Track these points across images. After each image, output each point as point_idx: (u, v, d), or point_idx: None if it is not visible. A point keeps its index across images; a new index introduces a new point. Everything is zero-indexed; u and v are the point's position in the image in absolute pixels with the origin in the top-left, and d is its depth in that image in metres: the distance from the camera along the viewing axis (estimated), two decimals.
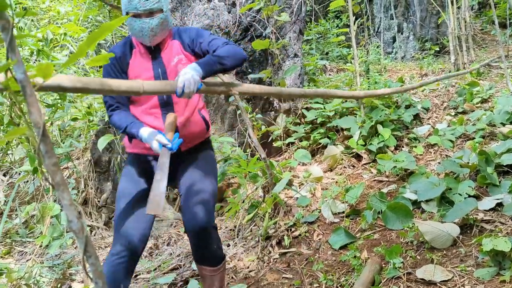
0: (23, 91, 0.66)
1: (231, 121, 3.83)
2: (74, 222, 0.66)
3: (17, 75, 0.65)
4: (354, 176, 3.49)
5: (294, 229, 2.93)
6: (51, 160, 0.66)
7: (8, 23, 0.66)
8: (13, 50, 0.65)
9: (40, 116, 0.66)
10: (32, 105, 0.66)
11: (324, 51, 7.43)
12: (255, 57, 4.10)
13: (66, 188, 0.66)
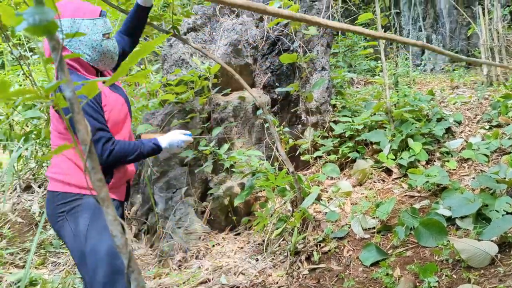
0: (71, 109, 0.68)
1: (259, 134, 3.84)
2: (118, 237, 0.67)
3: (66, 93, 0.67)
4: (384, 191, 3.43)
5: (323, 245, 2.89)
6: (96, 176, 0.68)
7: (57, 43, 0.68)
8: (62, 69, 0.68)
9: (87, 133, 0.68)
10: (80, 122, 0.68)
11: (351, 64, 7.38)
12: (282, 71, 4.12)
13: (110, 204, 0.68)
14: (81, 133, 0.67)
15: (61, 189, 1.76)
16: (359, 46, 7.16)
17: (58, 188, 1.76)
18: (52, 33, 0.66)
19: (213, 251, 3.30)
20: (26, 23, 0.60)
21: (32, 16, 0.61)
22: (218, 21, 4.14)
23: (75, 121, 0.68)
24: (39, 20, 0.61)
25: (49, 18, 0.62)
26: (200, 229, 3.48)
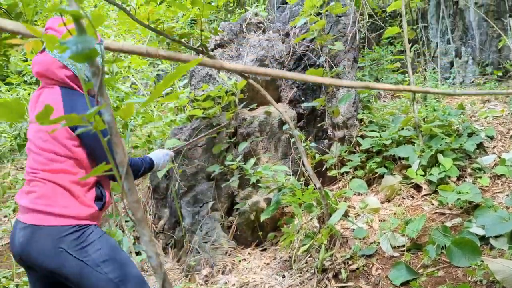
0: (110, 132, 0.70)
1: (285, 149, 3.83)
2: (153, 258, 0.68)
3: (105, 117, 0.70)
4: (413, 207, 3.35)
5: (351, 262, 2.84)
6: (133, 198, 0.69)
7: (98, 69, 0.71)
8: (102, 94, 0.70)
9: (125, 156, 0.70)
10: (118, 145, 0.70)
11: (378, 77, 7.31)
12: (308, 85, 4.12)
13: (146, 225, 0.69)
14: (119, 155, 0.69)
15: (56, 223, 1.60)
16: (386, 60, 7.11)
17: (51, 222, 1.59)
18: (93, 59, 0.69)
19: (239, 267, 3.29)
20: (70, 52, 0.63)
21: (76, 44, 0.63)
22: (244, 37, 4.20)
23: (113, 144, 0.70)
24: (82, 48, 0.63)
25: (90, 46, 0.64)
26: (226, 244, 3.48)
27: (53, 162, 1.65)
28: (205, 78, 3.88)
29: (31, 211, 1.61)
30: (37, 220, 1.60)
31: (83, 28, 0.69)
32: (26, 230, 1.59)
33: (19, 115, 0.69)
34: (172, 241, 3.83)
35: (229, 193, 3.65)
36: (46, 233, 1.59)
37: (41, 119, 0.70)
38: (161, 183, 3.91)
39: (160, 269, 0.69)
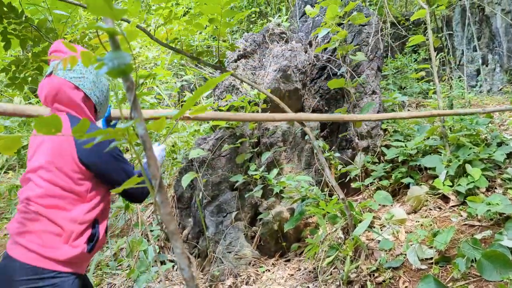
0: (144, 146, 0.71)
1: (308, 159, 3.82)
2: (186, 270, 0.69)
3: (139, 131, 0.71)
4: (441, 219, 3.27)
5: (377, 274, 2.79)
6: (166, 210, 0.70)
7: (132, 84, 0.73)
8: (136, 108, 0.72)
9: (158, 169, 0.71)
10: (151, 158, 0.71)
11: (402, 86, 7.22)
12: (331, 95, 4.11)
13: (179, 237, 0.70)
14: (152, 168, 0.71)
15: (34, 263, 1.49)
16: (410, 68, 7.02)
17: (30, 260, 1.48)
18: (127, 74, 0.71)
19: (263, 277, 3.27)
20: (107, 68, 0.65)
21: (112, 61, 0.65)
22: (267, 48, 4.22)
23: (147, 157, 0.71)
24: (118, 64, 0.65)
25: (126, 62, 0.66)
26: (250, 254, 3.48)
27: (51, 197, 1.56)
28: (228, 88, 3.91)
29: (16, 243, 1.52)
30: (19, 254, 1.50)
31: (117, 44, 0.72)
32: (4, 261, 1.51)
33: (57, 129, 0.71)
34: (196, 251, 3.84)
35: (252, 203, 3.65)
36: (23, 271, 1.47)
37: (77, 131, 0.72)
38: (185, 193, 3.94)
39: (192, 281, 0.69)
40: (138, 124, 0.71)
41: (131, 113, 0.71)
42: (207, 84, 0.89)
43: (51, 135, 1.61)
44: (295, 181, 3.39)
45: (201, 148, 3.65)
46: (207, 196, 3.63)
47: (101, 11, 0.61)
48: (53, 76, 1.63)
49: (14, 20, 2.47)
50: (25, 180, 1.65)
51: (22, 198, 1.59)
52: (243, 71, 3.94)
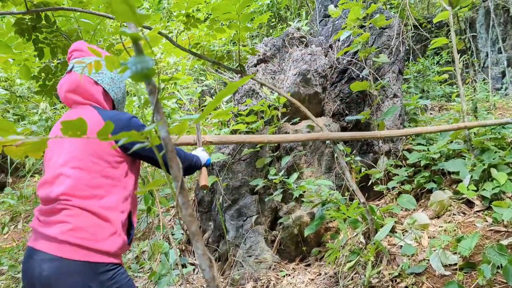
0: (165, 148, 0.73)
1: (329, 163, 3.79)
2: (207, 271, 0.70)
3: (161, 133, 0.73)
4: (465, 224, 3.20)
5: (399, 280, 2.74)
6: (187, 211, 0.72)
7: (154, 87, 0.75)
8: (158, 111, 0.74)
9: (179, 171, 0.72)
10: (172, 160, 0.72)
11: (424, 89, 7.12)
12: (352, 99, 4.08)
13: (200, 239, 0.71)
14: (174, 170, 0.72)
15: (89, 259, 1.45)
16: (432, 71, 6.92)
17: (86, 257, 1.45)
18: (150, 78, 0.73)
19: (283, 282, 3.26)
20: (130, 72, 0.67)
21: (135, 65, 0.67)
22: (287, 52, 4.23)
23: (168, 159, 0.73)
24: (140, 68, 0.67)
25: (149, 66, 0.68)
26: (270, 258, 3.47)
27: (89, 186, 1.52)
28: (248, 93, 3.93)
29: (62, 242, 1.44)
30: (69, 253, 1.43)
31: (141, 49, 0.73)
32: (53, 263, 1.42)
33: (82, 132, 0.73)
34: (217, 254, 3.86)
35: (272, 207, 3.64)
36: (77, 269, 1.42)
37: (102, 134, 0.74)
38: (205, 197, 3.97)
39: (213, 282, 0.70)
40: (161, 126, 0.73)
41: (153, 116, 0.73)
42: (227, 88, 0.91)
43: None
44: (315, 185, 3.38)
45: (221, 152, 3.68)
46: (227, 200, 3.65)
47: (125, 16, 0.62)
48: (72, 73, 1.66)
49: (46, 29, 2.54)
50: (49, 181, 1.56)
51: (54, 196, 1.50)
52: (262, 76, 3.96)
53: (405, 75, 6.87)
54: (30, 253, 1.48)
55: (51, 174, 1.56)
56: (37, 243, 1.48)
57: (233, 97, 4.17)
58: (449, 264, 2.73)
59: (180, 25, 2.81)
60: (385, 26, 4.14)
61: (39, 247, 1.47)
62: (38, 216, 1.53)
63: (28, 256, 1.49)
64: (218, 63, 3.04)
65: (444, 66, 6.95)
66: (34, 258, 1.46)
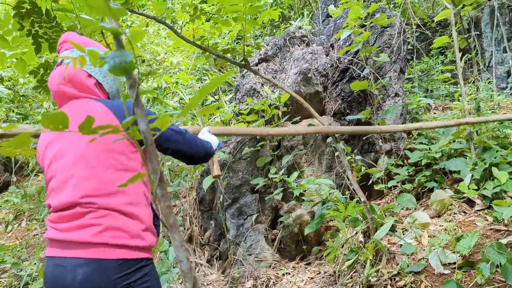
0: (145, 141, 0.74)
1: (329, 162, 3.79)
2: (184, 262, 0.71)
3: (141, 126, 0.74)
4: (466, 223, 3.19)
5: (398, 279, 2.74)
6: (166, 203, 0.73)
7: (134, 82, 0.76)
8: (138, 105, 0.75)
9: (158, 164, 0.73)
10: (152, 153, 0.74)
11: (428, 89, 7.09)
12: (353, 98, 4.07)
13: (177, 230, 0.72)
14: (153, 163, 0.73)
15: (127, 256, 1.41)
16: (436, 71, 6.88)
17: (121, 255, 1.41)
18: (129, 72, 0.74)
19: (283, 280, 3.27)
20: (108, 65, 0.68)
21: (113, 59, 0.68)
22: (289, 51, 4.24)
23: (148, 152, 0.74)
24: (119, 62, 0.68)
25: (127, 60, 0.69)
26: (270, 257, 3.48)
27: (109, 184, 1.44)
28: (250, 92, 3.95)
29: (96, 245, 1.39)
30: (106, 253, 1.39)
31: (121, 43, 0.75)
32: (89, 267, 1.37)
33: (64, 125, 0.75)
34: (218, 253, 3.88)
35: (273, 206, 3.65)
36: (115, 268, 1.38)
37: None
38: (207, 195, 3.99)
39: (190, 273, 0.71)
40: (140, 120, 0.74)
41: (133, 109, 0.74)
42: (210, 83, 0.92)
43: (83, 112, 1.47)
44: (315, 184, 3.38)
45: (222, 151, 3.69)
46: (228, 198, 3.66)
47: (101, 11, 0.64)
48: (63, 65, 1.59)
49: (45, 24, 2.56)
50: (60, 186, 1.47)
51: (73, 200, 1.43)
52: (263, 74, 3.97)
53: (409, 74, 6.85)
54: (58, 262, 1.42)
55: (61, 178, 1.47)
56: (65, 251, 1.41)
57: (235, 96, 4.19)
58: (449, 263, 2.73)
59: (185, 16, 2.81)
60: (386, 25, 4.13)
61: (69, 255, 1.40)
62: (55, 225, 1.45)
63: (55, 266, 1.42)
64: (222, 56, 3.04)
65: (449, 65, 6.91)
66: (65, 266, 1.39)
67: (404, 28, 4.30)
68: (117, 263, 1.38)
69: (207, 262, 3.87)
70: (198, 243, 3.99)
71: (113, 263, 1.37)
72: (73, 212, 1.42)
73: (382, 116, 3.91)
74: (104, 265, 1.37)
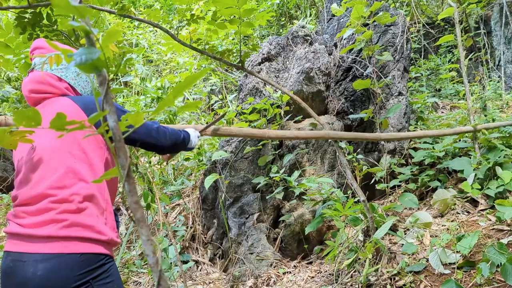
0: (114, 137, 0.75)
1: (331, 161, 3.78)
2: (150, 256, 0.72)
3: (109, 122, 0.75)
4: (468, 223, 3.16)
5: (398, 278, 2.72)
6: (133, 199, 0.74)
7: (104, 79, 0.77)
8: (108, 101, 0.76)
9: (126, 159, 0.75)
10: (120, 149, 0.75)
11: (437, 88, 7.02)
12: (356, 97, 4.06)
13: (145, 225, 0.73)
14: (121, 159, 0.75)
15: (88, 250, 1.42)
16: (444, 69, 6.82)
17: (82, 249, 1.41)
18: (99, 70, 0.75)
19: (284, 279, 3.27)
20: (74, 62, 0.70)
21: (80, 56, 0.70)
22: (292, 50, 4.24)
23: (117, 148, 0.75)
24: (85, 59, 0.70)
25: (94, 58, 0.70)
26: (271, 255, 3.48)
27: (73, 176, 1.46)
28: (252, 91, 3.95)
29: (59, 239, 1.39)
30: (68, 248, 1.39)
31: (92, 41, 0.76)
32: (50, 262, 1.37)
33: (37, 122, 0.76)
34: (220, 252, 3.89)
35: (274, 205, 3.66)
36: (76, 262, 1.39)
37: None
38: (209, 194, 4.01)
39: (156, 267, 0.72)
40: (109, 116, 0.75)
41: (103, 106, 0.76)
42: (187, 80, 0.93)
43: (53, 110, 1.49)
44: (316, 183, 3.38)
45: (224, 150, 3.71)
46: (230, 197, 3.67)
47: (65, 9, 0.65)
48: (35, 71, 1.62)
49: (46, 28, 2.61)
50: (27, 179, 1.49)
51: (37, 193, 1.44)
52: (266, 74, 3.98)
53: (416, 73, 6.80)
54: (17, 257, 1.41)
55: (30, 171, 1.49)
56: (25, 246, 1.41)
57: (238, 96, 4.20)
58: (449, 262, 2.70)
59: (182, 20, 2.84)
60: (389, 24, 4.11)
61: (29, 250, 1.40)
62: (18, 221, 1.45)
63: (15, 260, 1.41)
64: (219, 58, 3.06)
65: (456, 63, 6.84)
66: (25, 261, 1.39)
67: (409, 26, 4.27)
68: (79, 259, 1.38)
69: (210, 261, 3.89)
70: (201, 242, 4.01)
71: (74, 258, 1.38)
72: (36, 208, 1.43)
73: (384, 115, 3.89)
74: (66, 260, 1.37)
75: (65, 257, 1.37)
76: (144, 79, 4.61)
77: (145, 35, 7.33)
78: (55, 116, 0.75)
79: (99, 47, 0.78)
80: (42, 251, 1.38)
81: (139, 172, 3.21)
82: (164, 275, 0.73)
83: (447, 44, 7.86)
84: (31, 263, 1.38)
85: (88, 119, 0.73)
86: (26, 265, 1.38)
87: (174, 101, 0.95)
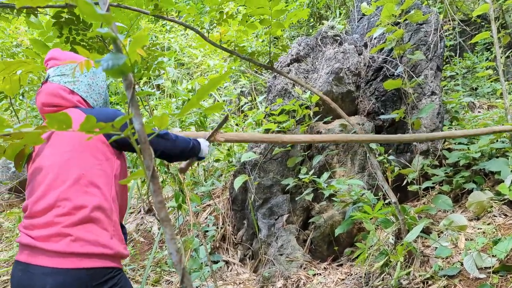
0: (139, 139, 0.78)
1: (362, 162, 3.74)
2: (174, 254, 0.75)
3: (135, 125, 0.78)
4: (505, 226, 3.04)
5: (431, 282, 2.66)
6: (158, 198, 0.77)
7: (130, 83, 0.80)
8: (134, 104, 0.79)
9: (151, 160, 0.77)
10: (145, 150, 0.78)
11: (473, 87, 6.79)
12: (387, 97, 3.99)
13: (169, 224, 0.76)
14: (146, 160, 0.77)
15: (95, 264, 1.43)
16: (481, 67, 6.59)
17: (89, 264, 1.42)
18: (125, 74, 0.79)
19: (314, 281, 3.26)
20: (102, 68, 0.73)
21: (107, 61, 0.73)
22: (321, 51, 4.21)
23: (142, 150, 0.78)
24: (112, 65, 0.73)
25: (120, 63, 0.74)
26: (301, 257, 3.48)
27: (83, 189, 1.49)
28: (281, 92, 3.96)
29: (66, 255, 1.41)
30: (74, 263, 1.41)
31: (119, 47, 0.79)
32: (59, 277, 1.38)
33: (67, 125, 0.80)
34: (250, 252, 3.92)
35: (304, 206, 3.65)
36: (84, 277, 1.40)
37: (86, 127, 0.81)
38: (239, 195, 4.04)
39: (179, 265, 0.75)
40: (135, 119, 0.78)
41: (129, 109, 0.79)
42: (211, 82, 0.95)
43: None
44: (346, 184, 3.34)
45: (253, 152, 3.73)
46: (259, 199, 3.69)
47: (92, 16, 0.69)
48: (48, 83, 1.65)
49: (82, 32, 2.71)
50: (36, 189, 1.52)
51: (45, 206, 1.47)
52: (295, 75, 3.97)
53: (451, 72, 6.60)
54: (26, 268, 1.44)
55: (38, 182, 1.53)
56: (34, 258, 1.43)
57: (267, 97, 4.21)
58: (485, 267, 2.62)
59: (212, 21, 2.89)
60: (421, 22, 4.01)
61: (38, 262, 1.42)
62: (28, 232, 1.48)
63: (23, 270, 1.44)
64: (249, 59, 3.09)
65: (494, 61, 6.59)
66: (33, 273, 1.42)
67: (443, 24, 4.16)
68: (86, 273, 1.40)
69: (240, 261, 3.92)
70: (232, 242, 4.05)
71: (82, 273, 1.39)
72: (44, 222, 1.45)
73: (416, 115, 3.81)
74: (73, 275, 1.38)
75: (72, 272, 1.39)
76: (175, 82, 4.72)
77: (177, 39, 7.47)
78: (84, 119, 0.79)
79: (126, 52, 0.81)
80: (50, 265, 1.40)
81: (170, 173, 3.28)
82: (187, 273, 0.76)
83: (484, 42, 7.60)
84: (39, 276, 1.41)
85: (115, 122, 0.76)
86: (35, 276, 1.41)
87: (198, 102, 0.97)
